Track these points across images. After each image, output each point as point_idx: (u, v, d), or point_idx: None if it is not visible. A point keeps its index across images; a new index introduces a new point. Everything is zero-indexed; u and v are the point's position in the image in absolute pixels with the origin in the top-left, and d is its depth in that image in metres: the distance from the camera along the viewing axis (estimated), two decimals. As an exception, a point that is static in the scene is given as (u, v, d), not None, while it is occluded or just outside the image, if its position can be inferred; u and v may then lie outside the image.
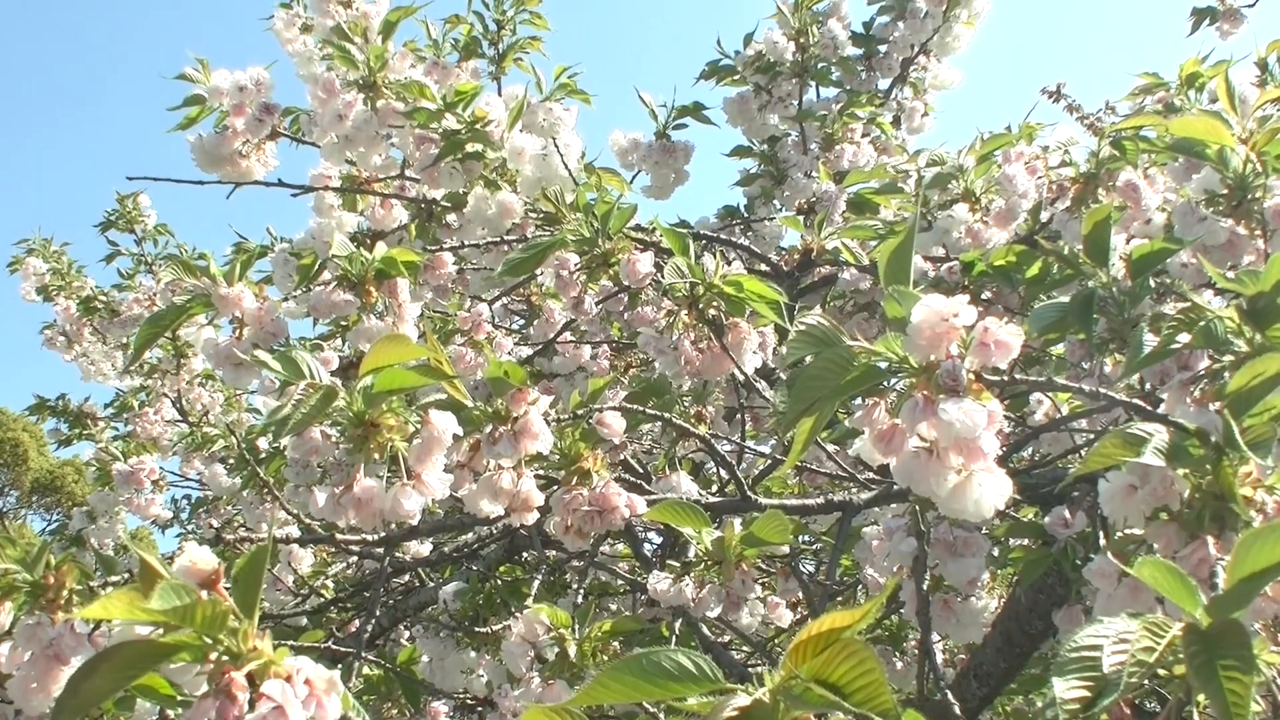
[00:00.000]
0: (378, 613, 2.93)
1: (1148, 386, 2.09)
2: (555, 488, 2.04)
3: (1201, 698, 1.12)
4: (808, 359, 1.40)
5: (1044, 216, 2.91)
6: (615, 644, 2.09)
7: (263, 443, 4.30)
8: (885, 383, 1.42)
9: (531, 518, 1.90)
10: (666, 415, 2.27)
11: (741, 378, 2.35)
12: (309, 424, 1.61)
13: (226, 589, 1.10)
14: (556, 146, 2.88)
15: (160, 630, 1.03)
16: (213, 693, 1.03)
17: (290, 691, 1.01)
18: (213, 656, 1.04)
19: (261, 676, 1.03)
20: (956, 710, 1.88)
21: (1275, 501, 1.40)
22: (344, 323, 3.06)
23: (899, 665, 3.26)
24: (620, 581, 3.25)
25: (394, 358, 1.58)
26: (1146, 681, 1.11)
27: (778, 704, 1.02)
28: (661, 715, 1.60)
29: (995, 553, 2.82)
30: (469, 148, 2.80)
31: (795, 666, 1.02)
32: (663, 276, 2.27)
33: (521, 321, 4.25)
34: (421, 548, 3.46)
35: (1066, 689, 1.09)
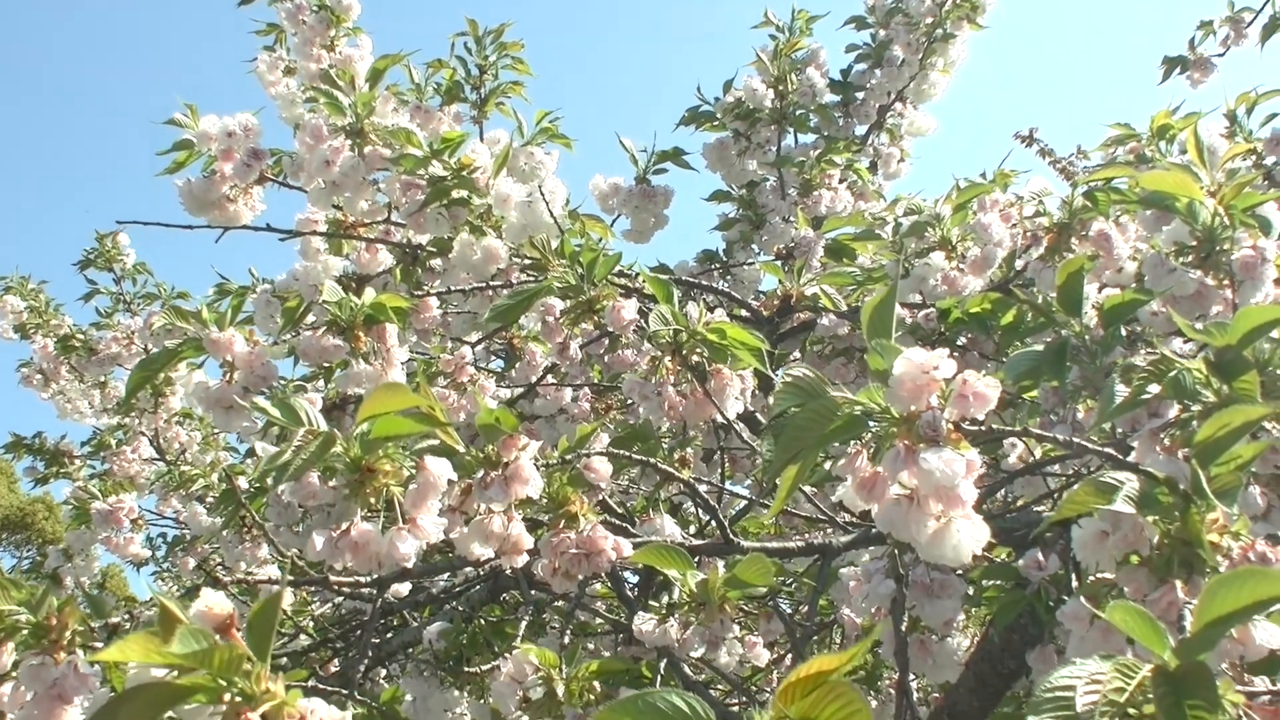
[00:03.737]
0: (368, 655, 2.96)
1: (1119, 433, 2.15)
2: (542, 529, 2.09)
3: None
4: (793, 409, 1.45)
5: (1018, 264, 2.98)
6: (599, 685, 2.12)
7: (242, 481, 4.32)
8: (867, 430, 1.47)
9: (521, 560, 1.94)
10: (651, 460, 2.31)
11: (724, 422, 2.39)
12: (308, 470, 1.65)
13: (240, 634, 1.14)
14: (542, 193, 2.92)
15: (176, 673, 1.07)
16: (228, 733, 1.07)
17: (303, 731, 1.05)
18: (227, 698, 1.08)
19: (275, 717, 1.07)
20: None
21: (1240, 547, 1.46)
22: (326, 364, 3.09)
23: (874, 704, 3.30)
24: (600, 621, 3.28)
25: (390, 405, 1.62)
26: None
27: (768, 743, 1.07)
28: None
29: (970, 592, 2.86)
30: (455, 194, 2.83)
31: (785, 707, 1.06)
32: (646, 323, 2.31)
33: (502, 363, 4.28)
34: (403, 587, 3.49)
35: (1043, 728, 1.14)
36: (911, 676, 2.39)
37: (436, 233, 2.91)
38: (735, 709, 2.52)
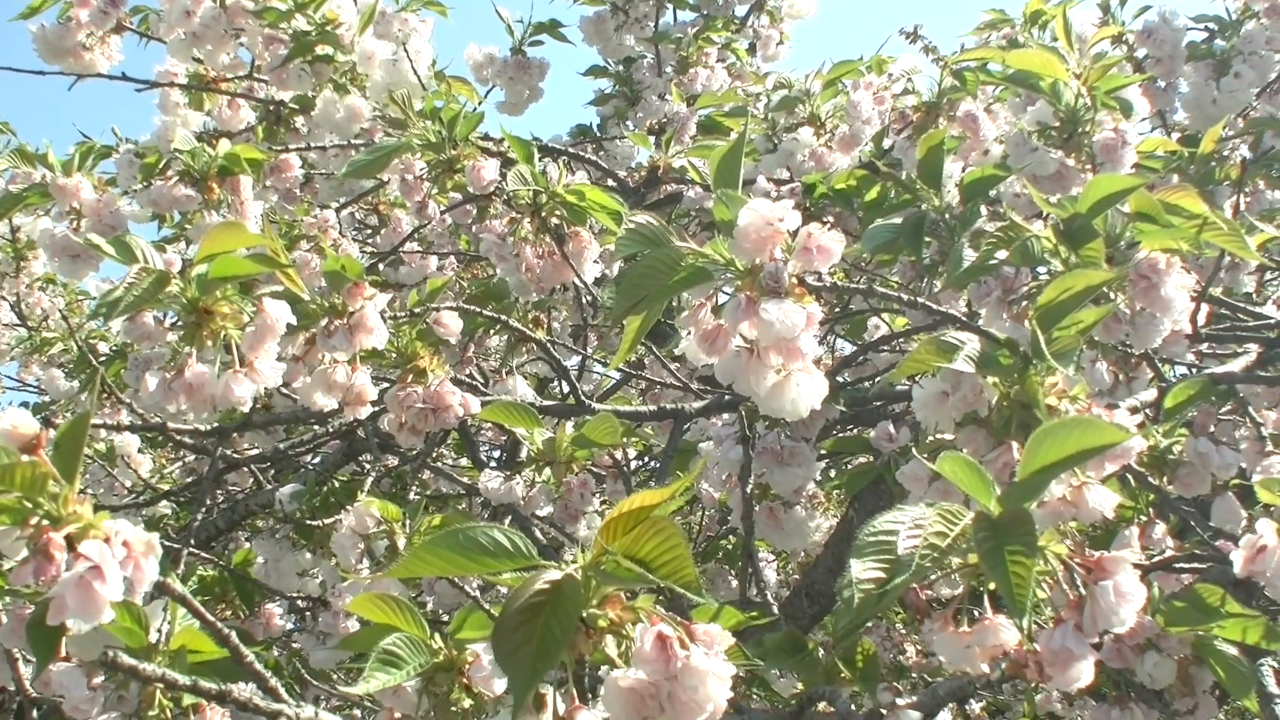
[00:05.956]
0: (212, 513, 2.92)
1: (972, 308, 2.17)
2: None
3: (992, 585, 1.18)
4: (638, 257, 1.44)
5: (887, 144, 2.97)
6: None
7: (103, 347, 4.24)
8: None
9: (364, 412, 1.91)
10: (505, 318, 2.29)
11: (591, 299, 2.37)
12: (140, 307, 1.60)
13: (48, 455, 1.11)
14: (407, 53, 2.86)
15: (-19, 495, 1.04)
16: (31, 554, 1.03)
17: (108, 552, 1.02)
18: (32, 520, 1.05)
19: (80, 539, 1.04)
20: (775, 610, 1.94)
21: (1077, 410, 1.47)
22: (188, 227, 3.02)
23: (734, 584, 3.32)
24: (458, 490, 3.27)
25: (230, 245, 1.58)
26: (939, 565, 1.17)
27: (589, 579, 1.06)
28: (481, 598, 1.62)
29: (832, 474, 2.88)
30: (319, 50, 2.77)
31: (606, 543, 1.05)
32: (507, 184, 2.28)
33: (369, 232, 4.22)
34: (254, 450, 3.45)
35: (863, 570, 1.14)
36: (772, 555, 2.42)
37: (299, 89, 2.84)
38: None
